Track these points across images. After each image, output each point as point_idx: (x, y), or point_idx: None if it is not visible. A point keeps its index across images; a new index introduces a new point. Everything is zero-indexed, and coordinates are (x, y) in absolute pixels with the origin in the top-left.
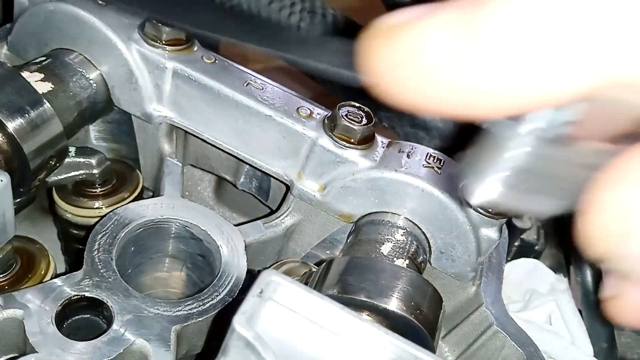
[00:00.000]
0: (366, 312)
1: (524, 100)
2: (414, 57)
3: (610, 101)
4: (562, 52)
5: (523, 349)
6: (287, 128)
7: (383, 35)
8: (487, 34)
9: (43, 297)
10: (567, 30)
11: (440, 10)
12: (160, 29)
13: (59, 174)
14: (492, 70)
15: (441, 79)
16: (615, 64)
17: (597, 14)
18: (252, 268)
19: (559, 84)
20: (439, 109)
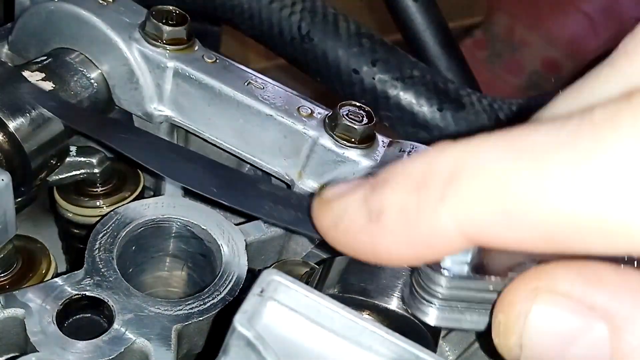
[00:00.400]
0: (367, 311)
1: (416, 252)
2: (339, 221)
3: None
4: (420, 215)
5: None
6: (288, 127)
7: (322, 204)
8: (373, 208)
9: (44, 296)
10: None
11: (353, 190)
12: (161, 28)
13: (60, 173)
14: (378, 232)
15: (354, 237)
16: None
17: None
18: (253, 267)
19: (421, 246)
20: (363, 259)
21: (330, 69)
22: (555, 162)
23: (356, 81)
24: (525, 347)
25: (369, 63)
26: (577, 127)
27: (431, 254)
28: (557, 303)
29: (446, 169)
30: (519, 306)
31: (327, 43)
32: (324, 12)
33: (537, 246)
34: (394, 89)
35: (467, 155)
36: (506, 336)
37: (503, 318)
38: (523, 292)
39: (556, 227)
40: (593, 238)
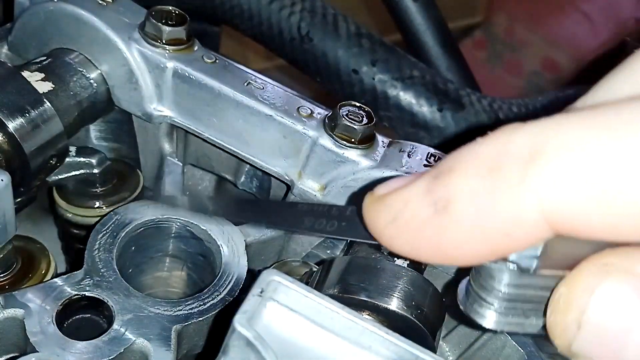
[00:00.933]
0: (367, 311)
1: (490, 245)
2: (398, 216)
3: (563, 241)
4: (496, 211)
5: (524, 348)
6: (288, 127)
7: (376, 200)
8: (439, 197)
9: (44, 296)
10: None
11: (412, 181)
12: (161, 28)
13: (59, 174)
14: (445, 224)
15: (417, 233)
16: (550, 220)
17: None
18: (253, 268)
19: (497, 237)
20: (425, 258)
21: (330, 69)
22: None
23: (356, 81)
24: (584, 324)
25: (369, 63)
26: None
27: (508, 246)
28: (630, 283)
29: (525, 148)
30: (587, 280)
31: (327, 43)
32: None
33: (631, 234)
34: (393, 89)
35: (550, 132)
36: (566, 311)
37: (565, 291)
38: (593, 267)
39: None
40: None
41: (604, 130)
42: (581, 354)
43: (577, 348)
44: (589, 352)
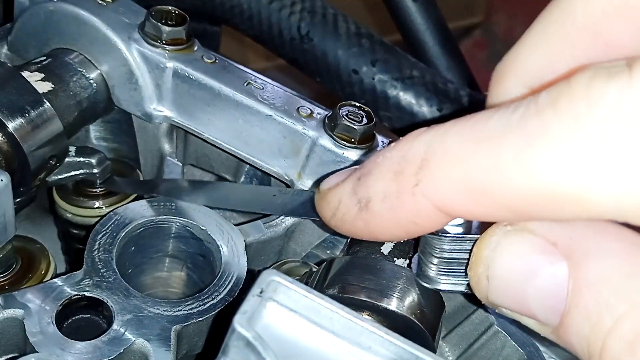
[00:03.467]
0: (367, 311)
1: (405, 230)
2: (336, 211)
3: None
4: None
5: (524, 349)
6: (288, 128)
7: (320, 197)
8: (361, 197)
9: (43, 296)
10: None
11: (344, 182)
12: (161, 28)
13: (59, 174)
14: (369, 218)
15: (351, 224)
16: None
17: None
18: (253, 268)
19: (408, 225)
20: (365, 238)
21: (330, 69)
22: (508, 145)
23: (356, 81)
24: (491, 277)
25: (369, 63)
26: (525, 112)
27: (418, 229)
28: (523, 238)
29: (418, 156)
30: (491, 239)
31: (327, 43)
32: (324, 12)
33: (502, 216)
34: (393, 89)
35: (436, 142)
36: (477, 267)
37: (476, 250)
38: (497, 229)
39: (513, 200)
40: (545, 207)
41: (471, 139)
42: (496, 303)
43: (492, 298)
44: (501, 301)
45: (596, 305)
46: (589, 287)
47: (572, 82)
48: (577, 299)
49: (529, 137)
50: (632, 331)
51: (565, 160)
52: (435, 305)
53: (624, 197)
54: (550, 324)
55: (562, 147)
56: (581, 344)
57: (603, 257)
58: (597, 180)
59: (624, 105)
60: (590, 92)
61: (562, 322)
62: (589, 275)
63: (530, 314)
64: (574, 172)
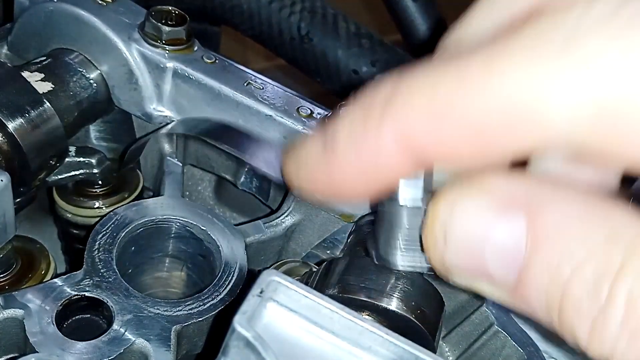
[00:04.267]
0: (367, 312)
1: (367, 175)
2: (301, 161)
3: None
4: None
5: (524, 349)
6: (287, 128)
7: (288, 152)
8: (328, 138)
9: (43, 297)
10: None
11: (314, 132)
12: (161, 28)
13: (59, 174)
14: (332, 160)
15: (313, 173)
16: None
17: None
18: (253, 268)
19: (371, 167)
20: (323, 194)
21: (330, 69)
22: (473, 63)
23: (356, 81)
24: (449, 237)
25: (369, 63)
26: (494, 36)
27: (380, 175)
28: (480, 194)
29: (385, 92)
30: (449, 197)
31: (327, 43)
32: (324, 12)
33: (467, 146)
34: None
35: (402, 78)
36: (433, 227)
37: (432, 209)
38: (453, 187)
39: (476, 121)
40: (507, 126)
41: (437, 69)
42: (452, 267)
43: (448, 261)
44: (458, 263)
45: (555, 254)
46: (546, 237)
47: (536, 14)
48: (535, 251)
49: (491, 57)
50: (592, 275)
51: (528, 71)
52: (436, 305)
53: (579, 110)
54: (507, 283)
55: (522, 63)
56: (540, 298)
57: (558, 206)
58: (556, 90)
59: (592, 13)
60: (557, 11)
61: (520, 279)
62: (546, 225)
63: (486, 275)
64: (535, 83)
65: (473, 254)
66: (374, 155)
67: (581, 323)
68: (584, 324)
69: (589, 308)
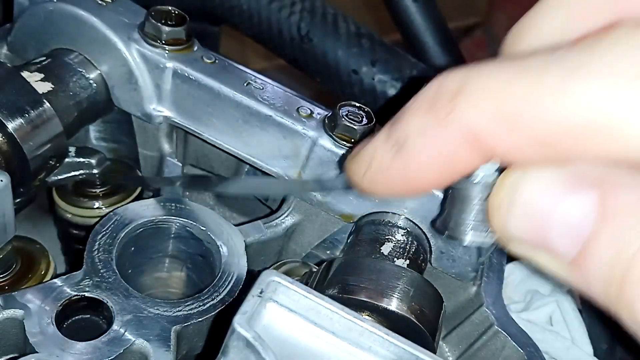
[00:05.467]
0: (367, 312)
1: (443, 169)
2: (371, 164)
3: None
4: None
5: (524, 349)
6: (287, 128)
7: (353, 157)
8: (397, 139)
9: (43, 297)
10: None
11: (377, 135)
12: (160, 28)
13: (58, 174)
14: (406, 159)
15: (387, 174)
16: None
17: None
18: (253, 268)
19: (446, 160)
20: (400, 193)
21: (330, 70)
22: (549, 74)
23: (356, 81)
24: (516, 201)
25: (369, 63)
26: (567, 50)
27: (456, 168)
28: (554, 170)
29: (454, 86)
30: (518, 170)
31: (327, 43)
32: (324, 12)
33: (534, 151)
34: (393, 90)
35: (472, 73)
36: (499, 191)
37: (501, 178)
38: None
39: (547, 131)
40: (578, 139)
41: (511, 69)
42: (513, 233)
43: (509, 226)
44: (519, 229)
45: (624, 229)
46: (618, 213)
47: (617, 28)
48: (604, 225)
49: (570, 70)
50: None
51: (604, 93)
52: (435, 306)
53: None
54: (568, 255)
55: (602, 80)
56: (601, 272)
57: (634, 187)
58: (631, 114)
59: None
60: (635, 34)
61: (583, 251)
62: (619, 201)
63: (547, 245)
64: (612, 105)
65: (537, 222)
66: (446, 151)
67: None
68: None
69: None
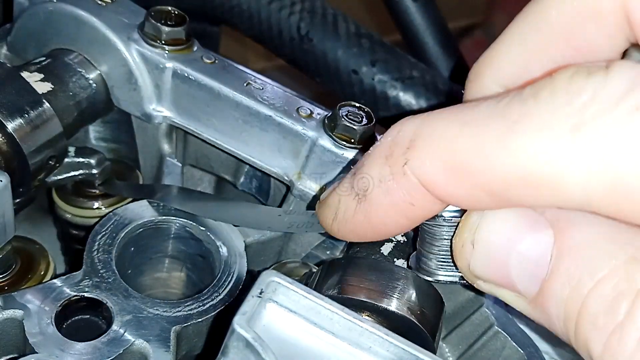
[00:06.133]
0: (366, 312)
1: (404, 215)
2: (336, 212)
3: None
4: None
5: (524, 349)
6: (287, 128)
7: (321, 204)
8: (359, 189)
9: (43, 297)
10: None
11: (341, 182)
12: (160, 28)
13: (58, 174)
14: (368, 208)
15: (352, 222)
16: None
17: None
18: (252, 268)
19: (406, 207)
20: (366, 238)
21: (330, 70)
22: (491, 128)
23: (355, 82)
24: (477, 242)
25: (369, 63)
26: (509, 101)
27: (416, 213)
28: (511, 209)
29: (407, 138)
30: (477, 209)
31: (327, 43)
32: (324, 12)
33: (484, 200)
34: (393, 90)
35: (423, 125)
36: (461, 232)
37: (464, 217)
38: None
39: (492, 182)
40: (522, 191)
41: (457, 122)
42: (477, 273)
43: (473, 266)
44: (482, 270)
45: (578, 267)
46: (572, 251)
47: (554, 78)
48: (559, 263)
49: (511, 123)
50: (612, 291)
51: (542, 146)
52: (435, 306)
53: (591, 185)
54: (528, 293)
55: (540, 134)
56: (558, 309)
57: (588, 225)
58: (569, 166)
59: (598, 100)
60: (571, 86)
61: (542, 289)
62: (573, 240)
63: (509, 284)
64: (550, 158)
65: (498, 262)
66: (403, 200)
67: (596, 337)
68: (599, 339)
69: (606, 323)
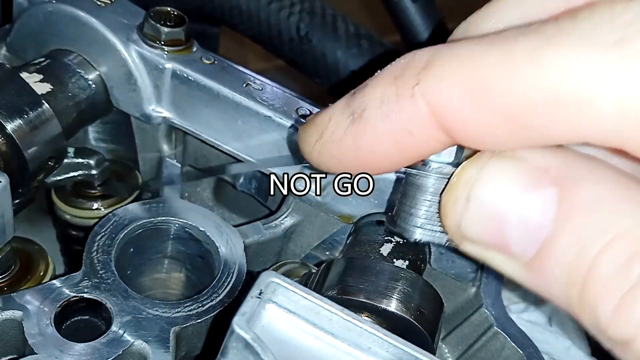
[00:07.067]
0: (366, 313)
1: (398, 146)
2: (323, 132)
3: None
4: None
5: (523, 350)
6: (287, 129)
7: (306, 123)
8: (355, 108)
9: (42, 298)
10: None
11: (336, 103)
12: (160, 29)
13: (57, 175)
14: (361, 130)
15: (338, 144)
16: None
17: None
18: (252, 269)
19: (403, 137)
20: (348, 167)
21: (329, 70)
22: (522, 44)
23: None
24: (472, 199)
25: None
26: (542, 23)
27: (412, 146)
28: (512, 163)
29: (423, 60)
30: (478, 161)
31: (326, 44)
32: (323, 13)
33: (500, 130)
34: None
35: (443, 47)
36: (457, 187)
37: (459, 171)
38: (483, 155)
39: (515, 102)
40: (547, 112)
41: (481, 43)
42: (468, 232)
43: (464, 226)
44: (475, 230)
45: (586, 227)
46: (580, 210)
47: (594, 1)
48: (564, 223)
49: (547, 36)
50: (624, 253)
51: (580, 60)
52: (435, 307)
53: (628, 107)
54: (524, 256)
55: (579, 48)
56: (560, 273)
57: (597, 182)
58: (607, 84)
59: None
60: (613, 6)
61: (541, 251)
62: (581, 198)
63: (503, 246)
64: (587, 73)
65: (494, 221)
66: (404, 126)
67: (606, 301)
68: (608, 303)
69: (617, 286)
